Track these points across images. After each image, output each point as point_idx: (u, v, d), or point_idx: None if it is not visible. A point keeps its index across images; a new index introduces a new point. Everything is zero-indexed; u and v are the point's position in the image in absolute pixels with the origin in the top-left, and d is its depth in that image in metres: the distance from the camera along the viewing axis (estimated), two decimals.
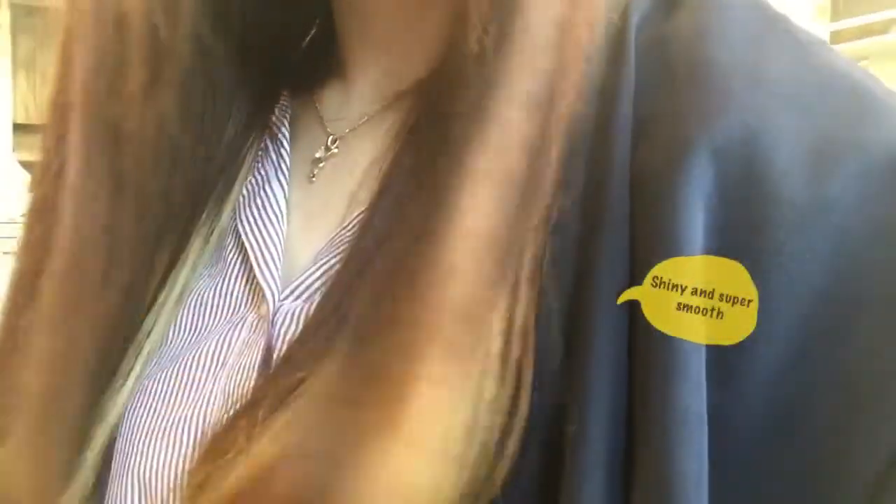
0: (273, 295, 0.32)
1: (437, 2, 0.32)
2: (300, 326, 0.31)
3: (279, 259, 0.34)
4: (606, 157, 0.26)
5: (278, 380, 0.26)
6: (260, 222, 0.35)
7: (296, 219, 0.36)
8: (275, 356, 0.31)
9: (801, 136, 0.24)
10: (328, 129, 0.38)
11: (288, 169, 0.37)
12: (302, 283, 0.32)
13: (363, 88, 0.37)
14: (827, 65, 0.26)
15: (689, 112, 0.25)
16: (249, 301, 0.34)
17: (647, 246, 0.24)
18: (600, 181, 0.25)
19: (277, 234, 0.35)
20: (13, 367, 0.32)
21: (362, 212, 0.31)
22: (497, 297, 0.24)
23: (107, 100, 0.31)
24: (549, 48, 0.25)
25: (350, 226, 0.32)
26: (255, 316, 0.33)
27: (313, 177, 0.36)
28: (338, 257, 0.32)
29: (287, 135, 0.38)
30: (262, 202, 0.36)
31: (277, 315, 0.32)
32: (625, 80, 0.27)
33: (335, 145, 0.37)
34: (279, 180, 0.37)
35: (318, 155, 0.37)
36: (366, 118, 0.36)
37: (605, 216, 0.25)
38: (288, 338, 0.31)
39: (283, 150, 0.37)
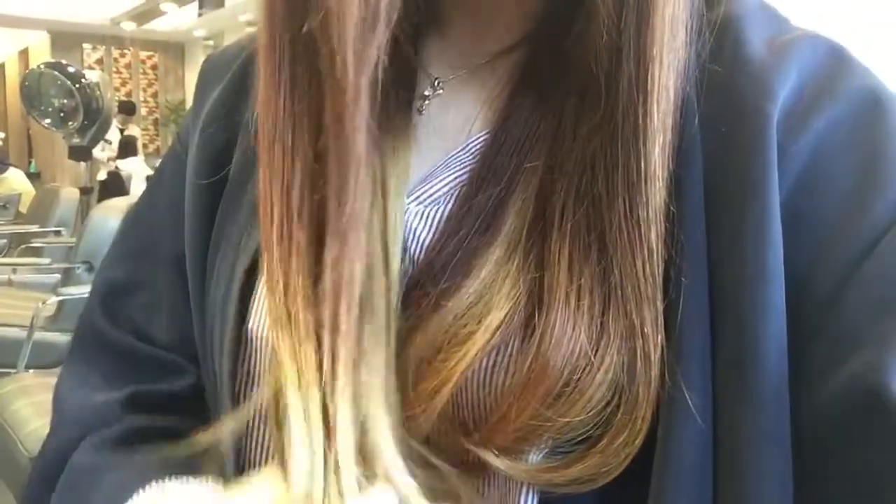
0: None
1: None
2: (428, 224, 0.39)
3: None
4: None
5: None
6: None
7: (406, 142, 0.42)
8: (409, 248, 0.39)
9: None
10: (432, 74, 0.44)
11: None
12: (425, 191, 0.40)
13: (464, 44, 0.45)
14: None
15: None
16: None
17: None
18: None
19: (395, 152, 0.41)
20: None
21: (479, 137, 0.40)
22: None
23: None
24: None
25: (466, 149, 0.41)
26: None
27: (422, 110, 0.44)
28: (457, 174, 0.40)
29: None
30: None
31: (407, 214, 0.40)
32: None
33: (440, 87, 0.44)
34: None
35: (425, 93, 0.44)
36: (469, 68, 0.44)
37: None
38: (418, 234, 0.39)
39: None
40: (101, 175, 6.89)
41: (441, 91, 0.44)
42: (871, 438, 0.29)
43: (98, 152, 6.22)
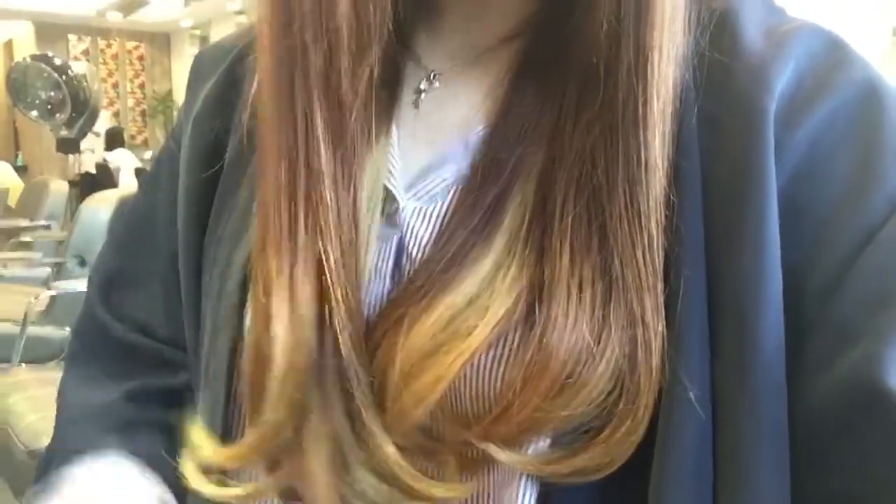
0: (400, 194, 0.40)
1: None
2: (426, 221, 0.39)
3: (399, 168, 0.41)
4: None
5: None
6: None
7: (403, 137, 0.42)
8: (406, 245, 0.39)
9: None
10: (427, 66, 0.44)
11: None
12: (423, 187, 0.40)
13: (459, 34, 0.43)
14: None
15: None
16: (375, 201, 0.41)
17: None
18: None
19: (393, 148, 0.42)
20: None
21: (478, 131, 0.40)
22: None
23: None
24: None
25: (465, 143, 0.40)
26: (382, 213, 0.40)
27: (418, 104, 0.43)
28: (456, 168, 0.40)
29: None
30: None
31: (405, 211, 0.40)
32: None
33: (436, 80, 0.43)
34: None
35: (421, 86, 0.43)
36: (465, 60, 0.43)
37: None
38: (416, 231, 0.39)
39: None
40: (89, 167, 6.83)
41: (437, 84, 0.43)
42: (868, 431, 0.30)
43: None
